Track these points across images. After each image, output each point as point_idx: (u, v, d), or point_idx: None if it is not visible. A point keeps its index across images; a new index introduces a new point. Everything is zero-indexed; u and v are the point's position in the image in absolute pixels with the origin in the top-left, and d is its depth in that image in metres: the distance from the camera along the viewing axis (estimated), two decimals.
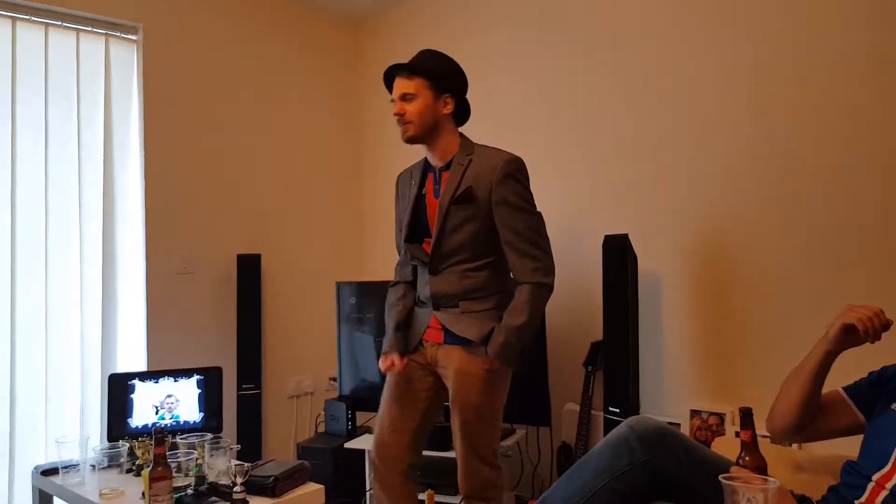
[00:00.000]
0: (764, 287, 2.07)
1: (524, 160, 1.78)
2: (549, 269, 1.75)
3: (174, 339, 2.83)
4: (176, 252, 2.86)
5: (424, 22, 3.17)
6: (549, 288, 1.75)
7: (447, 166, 1.81)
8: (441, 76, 1.78)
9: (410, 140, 1.79)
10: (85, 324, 2.63)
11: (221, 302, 2.96)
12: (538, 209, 1.79)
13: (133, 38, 2.80)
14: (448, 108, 1.79)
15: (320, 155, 3.39)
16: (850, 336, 1.27)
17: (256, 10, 3.15)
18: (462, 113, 1.86)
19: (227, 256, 2.97)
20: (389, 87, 1.82)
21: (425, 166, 1.88)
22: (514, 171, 1.74)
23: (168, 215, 2.84)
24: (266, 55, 3.18)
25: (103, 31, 2.72)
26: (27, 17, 2.53)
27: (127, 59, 2.79)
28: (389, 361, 1.81)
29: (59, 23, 2.60)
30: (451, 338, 1.77)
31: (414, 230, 1.84)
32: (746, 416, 1.25)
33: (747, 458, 1.24)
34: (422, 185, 1.85)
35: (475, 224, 1.74)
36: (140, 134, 2.80)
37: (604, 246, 2.18)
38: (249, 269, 2.93)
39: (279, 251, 3.18)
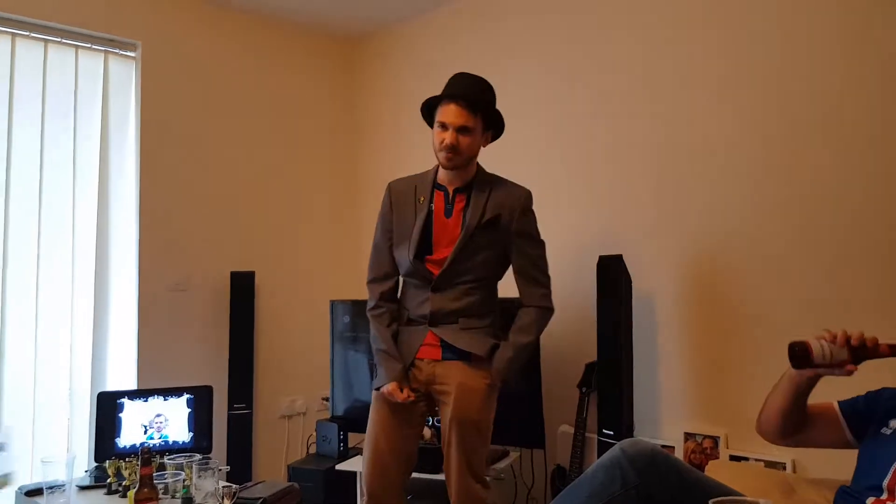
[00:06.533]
0: (759, 309, 2.06)
1: (518, 181, 1.88)
2: (550, 294, 1.87)
3: (165, 357, 2.80)
4: (169, 269, 2.84)
5: (422, 42, 3.21)
6: (552, 312, 1.87)
7: (462, 189, 1.83)
8: (493, 115, 1.82)
9: (453, 169, 1.79)
10: (75, 340, 2.60)
11: (214, 320, 2.94)
12: None
13: (132, 54, 2.82)
14: (486, 144, 1.86)
15: (316, 173, 3.39)
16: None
17: (253, 29, 3.18)
18: None
19: (221, 273, 2.95)
20: (432, 105, 1.80)
21: (434, 184, 1.86)
22: (531, 205, 1.86)
23: (162, 232, 2.83)
24: (263, 73, 3.20)
25: (102, 48, 2.73)
26: (26, 34, 2.54)
27: (125, 75, 2.81)
28: (404, 394, 1.75)
29: (59, 39, 2.62)
30: (451, 353, 1.78)
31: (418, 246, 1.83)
32: None
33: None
34: (430, 201, 1.85)
35: (492, 250, 1.81)
36: (136, 150, 2.80)
37: (598, 267, 2.18)
38: (243, 287, 2.91)
39: (273, 269, 3.17)
